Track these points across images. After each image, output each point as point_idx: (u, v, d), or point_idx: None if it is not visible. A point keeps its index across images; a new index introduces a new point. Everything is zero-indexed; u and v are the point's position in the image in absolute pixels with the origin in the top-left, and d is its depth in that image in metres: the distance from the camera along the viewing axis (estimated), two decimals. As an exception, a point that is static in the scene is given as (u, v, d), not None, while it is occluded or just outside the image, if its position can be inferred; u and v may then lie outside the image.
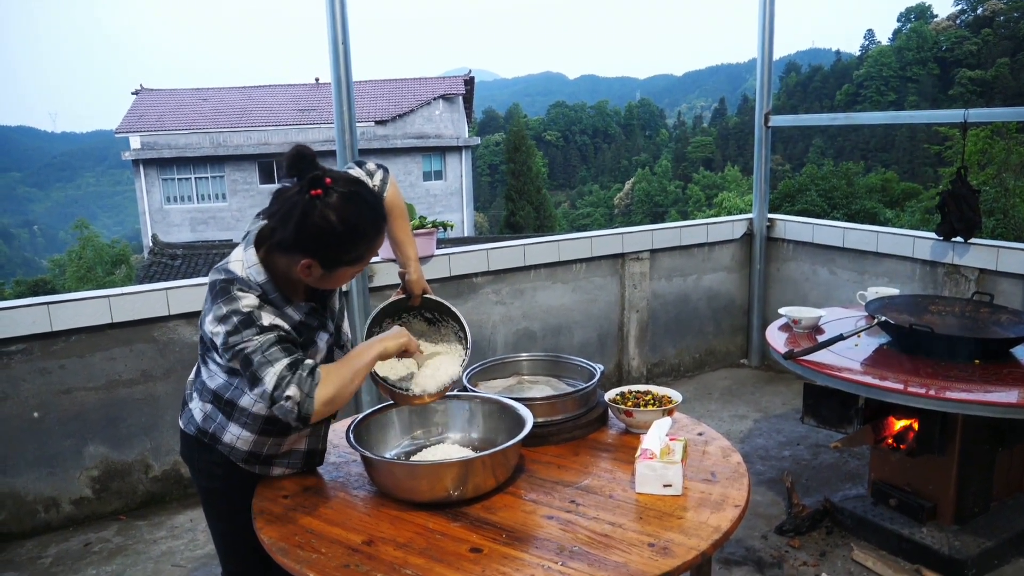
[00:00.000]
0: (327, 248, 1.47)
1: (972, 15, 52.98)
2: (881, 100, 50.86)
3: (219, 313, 1.48)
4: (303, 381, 1.44)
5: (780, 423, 3.95)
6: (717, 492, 1.62)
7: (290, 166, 1.46)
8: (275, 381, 1.43)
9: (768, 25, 4.49)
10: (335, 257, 1.49)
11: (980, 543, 2.57)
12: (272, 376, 1.43)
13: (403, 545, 1.45)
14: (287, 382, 1.43)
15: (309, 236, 1.45)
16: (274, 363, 1.44)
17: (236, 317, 1.47)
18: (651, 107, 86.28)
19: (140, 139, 23.36)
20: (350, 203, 1.46)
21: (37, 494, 3.08)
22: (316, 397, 1.44)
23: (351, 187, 1.49)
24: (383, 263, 3.60)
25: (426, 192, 24.43)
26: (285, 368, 1.44)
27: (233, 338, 1.46)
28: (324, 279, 1.53)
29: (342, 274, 1.54)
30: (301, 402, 1.43)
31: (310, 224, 1.44)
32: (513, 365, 2.24)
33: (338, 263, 1.51)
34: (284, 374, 1.43)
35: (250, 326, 1.47)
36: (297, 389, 1.43)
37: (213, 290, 1.52)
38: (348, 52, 3.28)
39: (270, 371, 1.44)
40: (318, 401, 1.45)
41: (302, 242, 1.46)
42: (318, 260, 1.48)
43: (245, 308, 1.47)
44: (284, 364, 1.44)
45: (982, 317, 2.75)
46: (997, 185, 18.32)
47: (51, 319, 2.96)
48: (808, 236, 4.55)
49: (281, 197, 1.48)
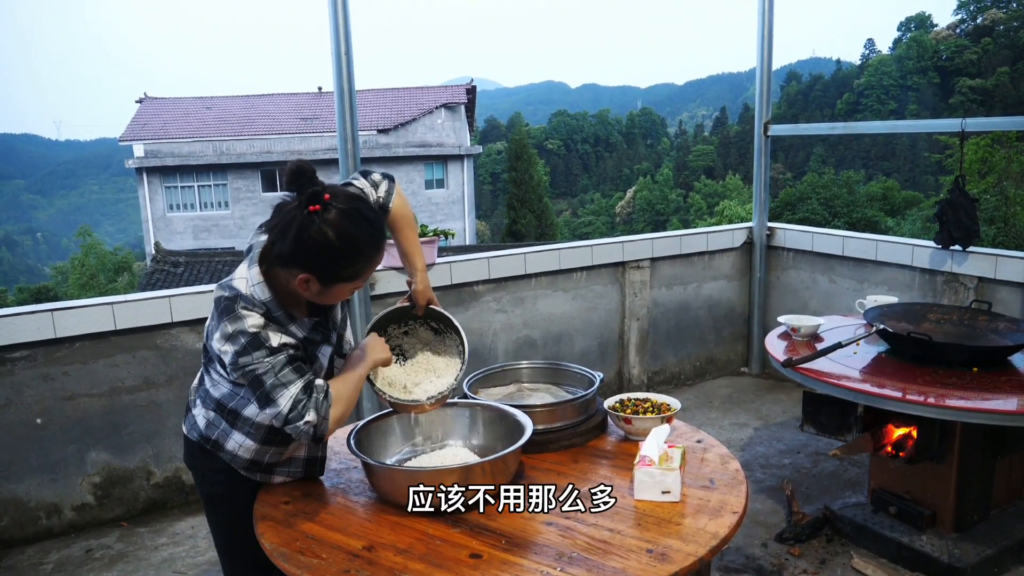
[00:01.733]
0: (324, 264, 1.48)
1: (972, 24, 53.13)
2: (882, 109, 50.95)
3: (226, 332, 1.49)
4: (320, 404, 1.50)
5: (780, 431, 3.95)
6: (715, 499, 1.63)
7: (289, 181, 1.46)
8: (291, 404, 1.48)
9: (767, 35, 4.51)
10: (332, 273, 1.50)
11: (980, 551, 2.57)
12: (287, 399, 1.48)
13: (403, 551, 1.46)
14: (303, 406, 1.48)
15: (306, 251, 1.46)
16: (288, 385, 1.48)
17: (244, 338, 1.48)
18: (652, 116, 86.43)
19: (144, 147, 23.48)
20: (348, 220, 1.47)
21: (39, 500, 3.09)
22: (330, 418, 1.52)
23: (351, 203, 1.49)
24: (385, 271, 3.62)
25: (428, 200, 24.50)
26: (300, 391, 1.49)
27: (243, 359, 1.48)
28: (322, 294, 1.54)
29: (340, 290, 1.55)
30: (318, 424, 1.50)
31: (307, 239, 1.44)
32: (513, 373, 2.25)
33: (335, 279, 1.51)
34: (300, 397, 1.48)
35: (259, 347, 1.48)
36: (315, 414, 1.49)
37: (219, 307, 1.53)
38: (351, 62, 3.31)
39: (285, 394, 1.48)
40: (332, 421, 1.52)
41: (299, 257, 1.47)
42: (315, 275, 1.49)
43: (251, 328, 1.49)
44: (299, 387, 1.49)
45: (980, 325, 2.76)
46: (998, 194, 18.33)
47: (55, 326, 2.98)
48: (808, 244, 4.56)
49: (281, 211, 1.49)
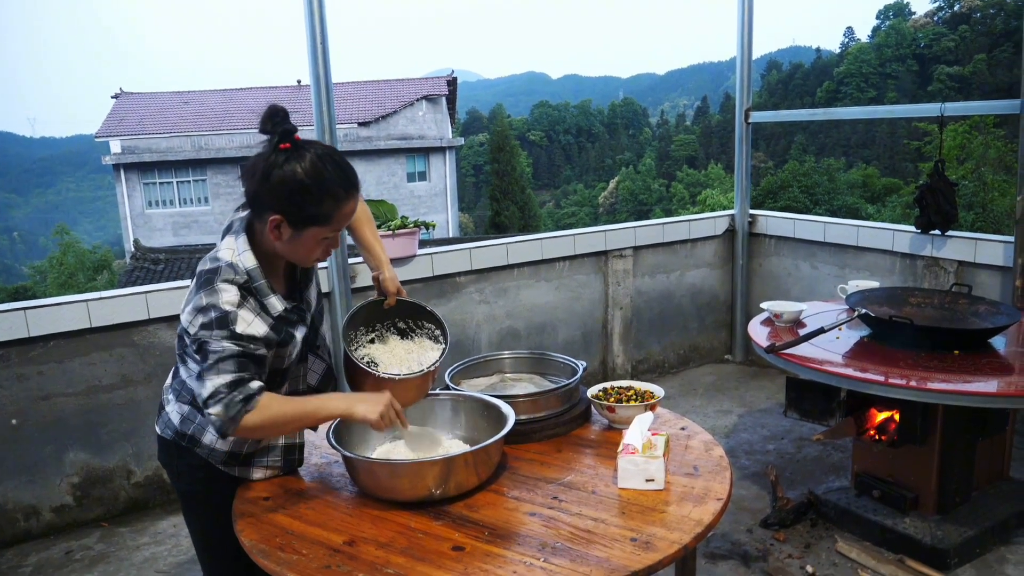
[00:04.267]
0: (293, 199, 1.47)
1: (949, 12, 53.56)
2: (861, 97, 51.29)
3: (199, 304, 1.48)
4: (232, 405, 1.47)
5: (764, 417, 3.97)
6: (700, 486, 1.62)
7: (264, 122, 1.47)
8: (211, 391, 1.47)
9: (747, 22, 4.51)
10: (302, 210, 1.48)
11: (962, 532, 2.59)
12: (210, 386, 1.47)
13: (385, 545, 1.44)
14: (218, 399, 1.46)
15: (275, 185, 1.46)
16: (220, 375, 1.47)
17: (214, 312, 1.47)
18: (634, 106, 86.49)
19: (121, 143, 23.13)
20: (319, 159, 1.48)
21: (16, 502, 3.03)
22: (242, 422, 1.48)
23: (324, 149, 1.51)
24: (364, 264, 3.58)
25: (410, 193, 24.36)
26: (225, 385, 1.47)
27: (203, 332, 1.47)
28: (294, 242, 1.52)
29: (311, 236, 1.52)
30: (222, 424, 1.48)
31: (277, 174, 1.45)
32: (496, 363, 2.23)
33: (306, 220, 1.50)
34: (221, 390, 1.47)
35: (223, 328, 1.47)
36: (223, 409, 1.47)
37: (199, 280, 1.52)
38: (327, 52, 3.26)
39: (213, 380, 1.47)
40: (244, 424, 1.49)
41: (268, 193, 1.47)
42: (285, 216, 1.48)
43: (224, 305, 1.48)
44: (227, 380, 1.47)
45: (960, 308, 2.78)
46: (976, 180, 18.55)
47: (28, 325, 2.92)
48: (790, 231, 4.58)
49: (253, 157, 1.50)
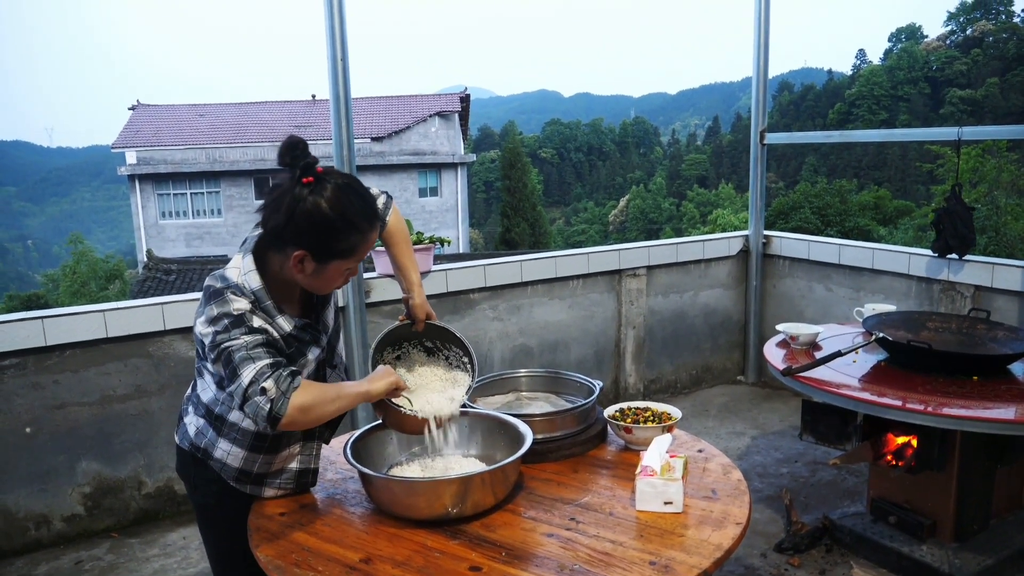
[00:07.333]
0: (318, 236, 1.47)
1: (962, 36, 53.64)
2: (873, 119, 51.28)
3: (211, 315, 1.48)
4: (281, 379, 1.41)
5: (778, 440, 3.93)
6: (718, 509, 1.61)
7: (282, 155, 1.46)
8: (252, 375, 1.40)
9: (763, 45, 4.52)
10: (327, 246, 1.48)
11: (980, 560, 2.56)
12: (251, 371, 1.40)
13: (401, 563, 1.43)
14: (266, 377, 1.40)
15: (300, 222, 1.45)
16: (256, 360, 1.42)
17: (227, 319, 1.47)
18: (645, 125, 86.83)
19: (136, 154, 23.38)
20: (342, 192, 1.47)
21: (28, 511, 3.04)
22: (292, 399, 1.41)
23: (344, 179, 1.50)
24: (379, 279, 3.59)
25: (422, 208, 24.47)
26: (266, 366, 1.42)
27: (221, 336, 1.45)
28: (317, 275, 1.52)
29: (335, 269, 1.52)
30: (275, 399, 1.39)
31: (301, 211, 1.44)
32: (512, 381, 2.23)
33: (330, 254, 1.49)
34: (264, 370, 1.41)
35: (240, 326, 1.46)
36: (274, 384, 1.40)
37: (207, 293, 1.52)
38: (347, 69, 3.29)
39: (251, 367, 1.41)
40: (292, 404, 1.41)
41: (293, 229, 1.46)
42: (310, 251, 1.48)
43: (236, 311, 1.48)
44: (266, 363, 1.42)
45: (979, 333, 2.75)
46: (989, 203, 18.45)
47: (45, 334, 2.94)
48: (804, 253, 4.56)
49: (274, 189, 1.49)
